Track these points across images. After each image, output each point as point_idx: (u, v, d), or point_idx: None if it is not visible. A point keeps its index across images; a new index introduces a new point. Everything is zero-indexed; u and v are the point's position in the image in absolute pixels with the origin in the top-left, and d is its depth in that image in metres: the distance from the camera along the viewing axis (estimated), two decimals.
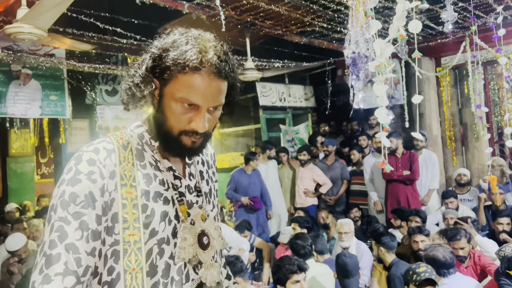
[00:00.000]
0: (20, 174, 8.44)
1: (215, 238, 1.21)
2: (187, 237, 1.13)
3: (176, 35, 1.10)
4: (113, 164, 1.08)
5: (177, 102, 1.07)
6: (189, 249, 1.13)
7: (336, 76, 7.91)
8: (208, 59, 1.05)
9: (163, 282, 1.08)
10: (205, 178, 1.30)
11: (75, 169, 1.04)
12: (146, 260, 1.06)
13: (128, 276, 1.04)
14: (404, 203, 5.33)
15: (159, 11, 4.29)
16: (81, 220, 1.00)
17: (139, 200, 1.08)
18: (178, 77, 1.06)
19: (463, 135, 6.74)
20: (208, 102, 1.08)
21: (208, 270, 1.17)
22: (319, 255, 4.08)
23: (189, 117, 1.09)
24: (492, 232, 4.60)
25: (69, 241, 0.98)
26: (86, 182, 1.02)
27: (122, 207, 1.06)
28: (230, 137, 8.93)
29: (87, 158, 1.06)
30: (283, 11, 4.73)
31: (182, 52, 1.05)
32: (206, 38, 1.09)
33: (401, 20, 2.24)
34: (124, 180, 1.08)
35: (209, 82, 1.06)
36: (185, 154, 1.20)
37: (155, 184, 1.12)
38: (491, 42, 4.94)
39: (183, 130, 1.10)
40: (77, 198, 1.01)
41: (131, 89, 1.12)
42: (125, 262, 1.04)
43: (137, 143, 1.16)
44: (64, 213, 1.00)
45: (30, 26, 3.56)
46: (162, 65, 1.07)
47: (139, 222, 1.07)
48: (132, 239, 1.05)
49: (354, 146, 6.55)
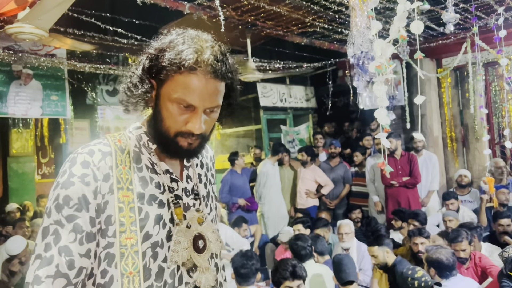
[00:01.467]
0: (20, 174, 8.43)
1: (212, 241, 1.20)
2: (181, 240, 1.12)
3: (173, 35, 1.10)
4: (108, 167, 1.07)
5: (173, 103, 1.07)
6: (182, 252, 1.12)
7: (337, 77, 7.92)
8: (204, 59, 1.04)
9: (156, 285, 1.08)
10: (203, 181, 1.29)
11: (69, 172, 1.05)
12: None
13: (126, 279, 1.04)
14: (405, 204, 5.32)
15: (160, 12, 4.30)
16: (75, 223, 1.01)
17: (136, 203, 1.08)
18: (174, 77, 1.05)
19: (464, 136, 6.74)
20: (205, 102, 1.07)
21: (203, 273, 1.15)
22: (319, 256, 4.08)
23: (186, 118, 1.08)
24: (493, 234, 4.59)
25: (63, 244, 1.00)
26: (79, 185, 1.03)
27: (118, 210, 1.06)
28: (230, 137, 8.93)
29: (81, 160, 1.06)
30: (284, 12, 4.73)
31: (178, 52, 1.04)
32: (203, 39, 1.09)
33: (402, 21, 2.23)
34: (120, 183, 1.07)
35: (205, 83, 1.05)
36: (182, 156, 1.19)
37: (150, 187, 1.12)
38: (492, 43, 4.93)
39: (179, 131, 1.09)
40: (70, 201, 1.02)
41: (129, 89, 1.12)
42: (122, 266, 1.04)
43: (134, 145, 1.15)
44: (59, 216, 1.01)
45: (31, 26, 3.57)
46: (159, 65, 1.07)
47: (136, 225, 1.06)
48: (129, 242, 1.05)
49: (357, 148, 6.54)
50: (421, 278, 2.95)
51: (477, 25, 4.97)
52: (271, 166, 6.23)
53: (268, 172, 6.14)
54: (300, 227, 4.74)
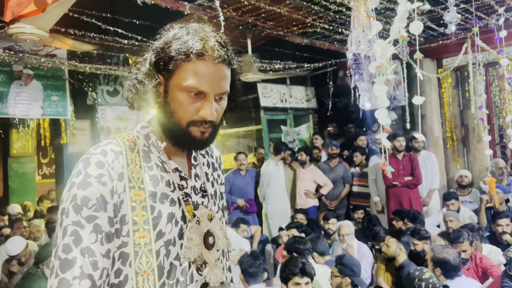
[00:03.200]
0: (21, 174, 8.45)
1: (220, 238, 1.21)
2: (193, 237, 1.13)
3: (176, 29, 1.12)
4: (121, 166, 1.08)
5: (184, 92, 1.08)
6: (194, 249, 1.13)
7: (337, 77, 7.92)
8: (211, 45, 1.07)
9: (168, 283, 1.08)
10: (210, 180, 1.30)
11: (85, 172, 1.04)
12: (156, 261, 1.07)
13: (140, 278, 1.04)
14: (407, 205, 5.32)
15: (160, 12, 4.30)
16: (95, 223, 1.01)
17: (148, 202, 1.08)
18: (182, 66, 1.07)
19: (464, 137, 6.73)
20: (215, 88, 1.09)
21: (213, 270, 1.17)
22: (320, 256, 4.07)
23: (197, 106, 1.09)
24: (493, 234, 4.59)
25: (85, 245, 0.99)
26: (97, 185, 1.03)
27: (131, 209, 1.06)
28: (231, 138, 8.93)
29: (96, 161, 1.06)
30: (285, 12, 4.73)
31: (185, 41, 1.07)
32: (205, 29, 1.12)
33: (402, 21, 2.23)
34: (132, 182, 1.08)
35: (214, 68, 1.08)
36: (195, 147, 1.20)
37: (161, 185, 1.12)
38: (493, 44, 4.93)
39: (191, 120, 1.10)
40: (89, 202, 1.01)
41: (135, 86, 1.13)
42: (136, 265, 1.04)
43: (143, 145, 1.16)
44: (78, 217, 1.00)
45: (32, 27, 3.57)
46: (166, 57, 1.08)
47: (149, 224, 1.07)
48: (143, 241, 1.05)
49: (357, 148, 6.54)
50: (429, 280, 2.95)
51: (477, 25, 4.97)
52: (274, 166, 6.22)
53: (271, 172, 6.14)
54: (294, 232, 4.72)
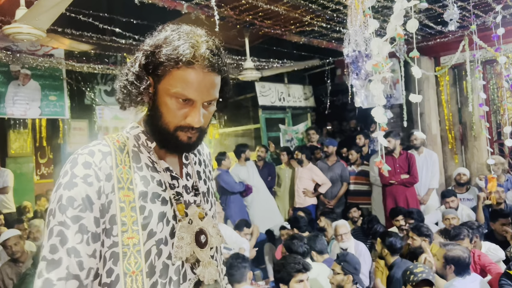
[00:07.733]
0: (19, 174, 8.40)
1: (213, 235, 1.22)
2: (184, 236, 1.14)
3: (168, 32, 1.11)
4: (109, 167, 1.08)
5: (172, 97, 1.08)
6: (186, 248, 1.13)
7: (335, 75, 7.92)
8: (201, 53, 1.06)
9: (161, 282, 1.08)
10: (202, 178, 1.31)
11: (71, 173, 1.05)
12: (145, 261, 1.07)
13: (128, 279, 1.05)
14: (403, 203, 5.33)
15: (158, 11, 4.29)
16: (80, 224, 1.01)
17: (137, 202, 1.08)
18: (172, 73, 1.07)
19: (462, 135, 6.74)
20: (203, 96, 1.09)
21: (206, 268, 1.17)
22: (318, 254, 4.08)
23: (184, 112, 1.09)
24: (491, 231, 4.59)
25: (70, 245, 1.00)
26: (83, 186, 1.03)
27: (120, 210, 1.06)
28: (229, 137, 8.93)
29: (83, 161, 1.06)
30: (282, 11, 4.73)
31: (175, 47, 1.06)
32: (197, 33, 1.10)
33: (399, 19, 2.23)
34: (121, 183, 1.08)
35: (203, 76, 1.07)
36: (182, 150, 1.20)
37: (152, 185, 1.12)
38: (490, 41, 4.93)
39: (178, 125, 1.10)
40: (74, 202, 1.02)
41: (126, 87, 1.13)
42: (124, 265, 1.05)
43: (133, 145, 1.16)
44: (63, 217, 1.01)
45: (29, 27, 3.57)
46: (156, 61, 1.08)
47: (138, 224, 1.07)
48: (131, 242, 1.06)
49: (352, 146, 6.54)
50: (418, 274, 2.94)
51: (475, 23, 4.97)
52: (241, 168, 6.20)
53: (239, 175, 6.12)
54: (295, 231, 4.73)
